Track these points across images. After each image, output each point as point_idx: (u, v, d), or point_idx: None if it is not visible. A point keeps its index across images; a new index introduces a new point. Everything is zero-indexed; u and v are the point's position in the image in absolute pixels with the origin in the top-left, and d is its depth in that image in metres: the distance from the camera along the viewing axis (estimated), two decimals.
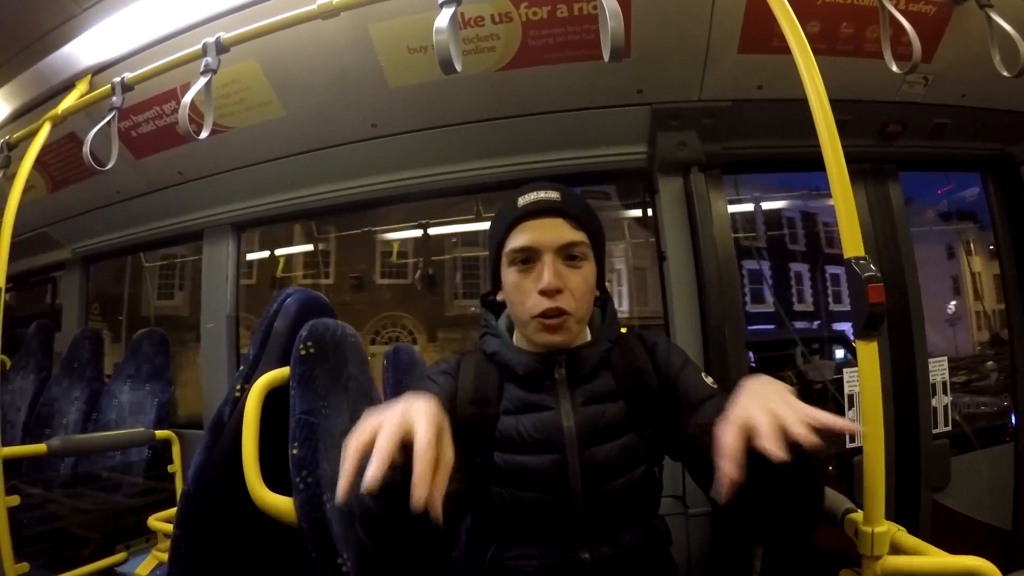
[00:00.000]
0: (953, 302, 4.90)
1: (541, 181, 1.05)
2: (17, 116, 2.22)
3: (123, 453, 2.31)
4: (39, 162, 2.00)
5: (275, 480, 0.95)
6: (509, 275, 1.02)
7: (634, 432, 1.01)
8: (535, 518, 0.98)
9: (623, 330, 1.11)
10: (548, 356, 1.02)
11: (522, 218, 1.00)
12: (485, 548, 1.01)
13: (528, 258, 0.99)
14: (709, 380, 1.03)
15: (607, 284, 1.12)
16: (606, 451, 0.98)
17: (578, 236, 1.00)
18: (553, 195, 1.01)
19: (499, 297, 1.09)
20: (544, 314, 0.96)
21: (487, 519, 1.03)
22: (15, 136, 1.98)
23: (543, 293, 0.96)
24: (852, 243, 1.00)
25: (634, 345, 1.08)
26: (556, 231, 0.99)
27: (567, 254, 0.99)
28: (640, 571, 0.99)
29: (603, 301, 1.12)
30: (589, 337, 1.08)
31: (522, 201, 1.01)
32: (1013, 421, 2.14)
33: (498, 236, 1.04)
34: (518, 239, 1.00)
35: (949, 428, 1.90)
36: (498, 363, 1.05)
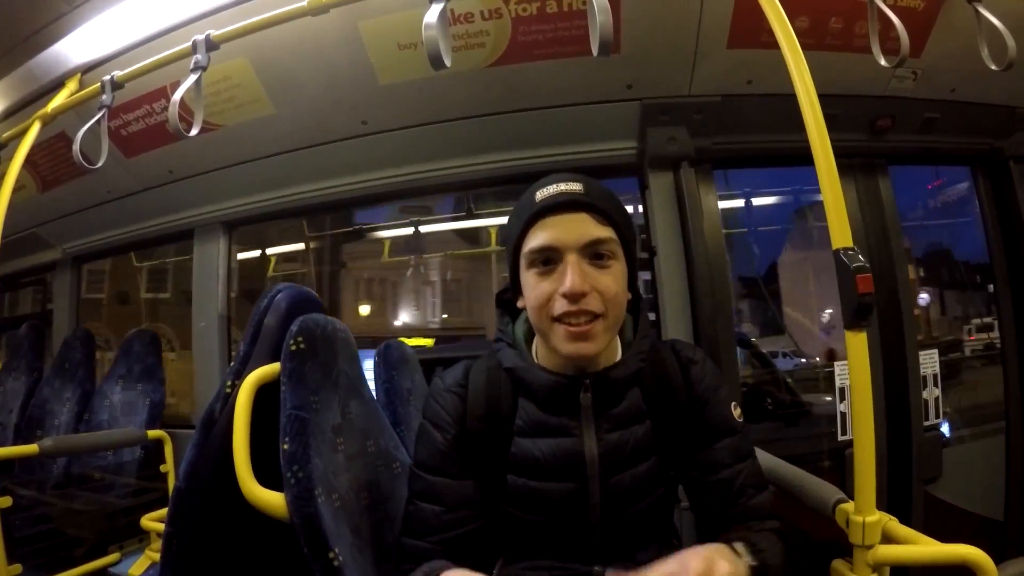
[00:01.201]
0: (829, 310, 5.08)
1: (563, 172, 0.94)
2: (7, 115, 2.20)
3: (115, 453, 2.30)
4: (29, 162, 1.99)
5: (266, 475, 0.95)
6: (528, 278, 0.91)
7: (658, 453, 0.96)
8: (548, 538, 0.94)
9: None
10: (573, 379, 0.92)
11: (541, 214, 0.89)
12: (492, 560, 0.99)
13: (549, 259, 0.89)
14: (736, 412, 0.97)
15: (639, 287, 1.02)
16: (630, 477, 0.92)
17: (605, 232, 0.89)
18: (576, 187, 0.89)
19: (519, 303, 0.98)
20: (568, 317, 0.87)
21: (496, 534, 0.98)
22: (5, 135, 1.97)
23: (567, 297, 0.86)
24: (840, 234, 1.00)
25: (667, 359, 0.99)
26: (580, 227, 0.88)
27: (593, 253, 0.88)
28: None
29: (636, 307, 1.01)
30: (619, 353, 0.98)
31: (540, 195, 0.90)
32: None
33: (515, 234, 0.93)
34: (537, 238, 0.89)
35: (940, 420, 1.92)
36: (514, 379, 0.97)
